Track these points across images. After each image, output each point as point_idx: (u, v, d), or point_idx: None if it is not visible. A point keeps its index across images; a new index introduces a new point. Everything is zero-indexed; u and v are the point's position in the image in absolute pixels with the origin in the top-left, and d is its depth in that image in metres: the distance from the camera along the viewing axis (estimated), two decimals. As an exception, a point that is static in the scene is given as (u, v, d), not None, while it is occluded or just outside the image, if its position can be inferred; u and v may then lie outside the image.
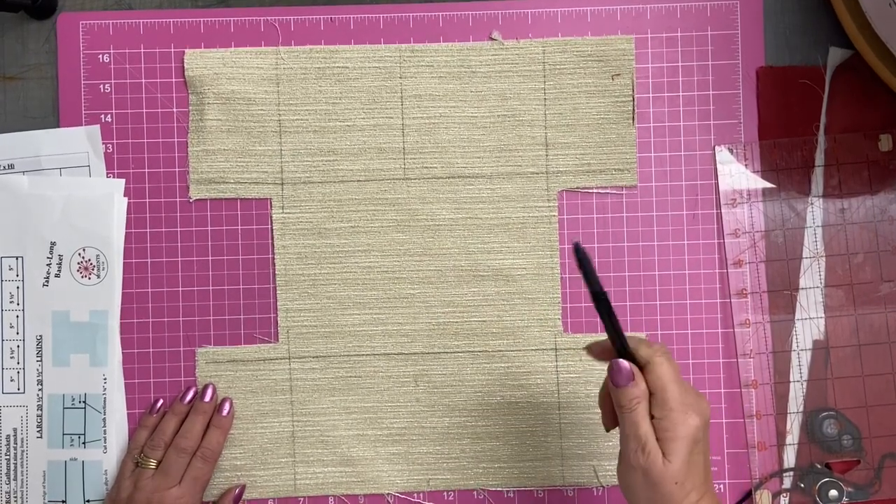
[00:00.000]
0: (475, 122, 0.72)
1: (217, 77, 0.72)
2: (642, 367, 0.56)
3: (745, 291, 0.72)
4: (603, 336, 0.59)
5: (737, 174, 0.72)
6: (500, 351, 0.72)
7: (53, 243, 0.71)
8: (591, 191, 0.73)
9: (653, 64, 0.73)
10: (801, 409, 0.72)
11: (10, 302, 0.71)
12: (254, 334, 0.72)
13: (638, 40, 0.73)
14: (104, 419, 0.71)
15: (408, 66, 0.72)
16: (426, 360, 0.72)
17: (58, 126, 0.72)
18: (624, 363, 0.56)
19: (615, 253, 0.73)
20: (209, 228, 0.72)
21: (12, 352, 0.71)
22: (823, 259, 0.72)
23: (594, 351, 0.60)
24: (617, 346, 0.57)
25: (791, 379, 0.72)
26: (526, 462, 0.72)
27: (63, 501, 0.71)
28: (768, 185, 0.72)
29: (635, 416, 0.55)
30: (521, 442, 0.72)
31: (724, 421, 0.72)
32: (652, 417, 0.55)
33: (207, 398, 0.71)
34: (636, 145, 0.72)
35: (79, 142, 0.72)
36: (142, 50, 0.72)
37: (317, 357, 0.72)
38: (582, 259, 0.55)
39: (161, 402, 0.72)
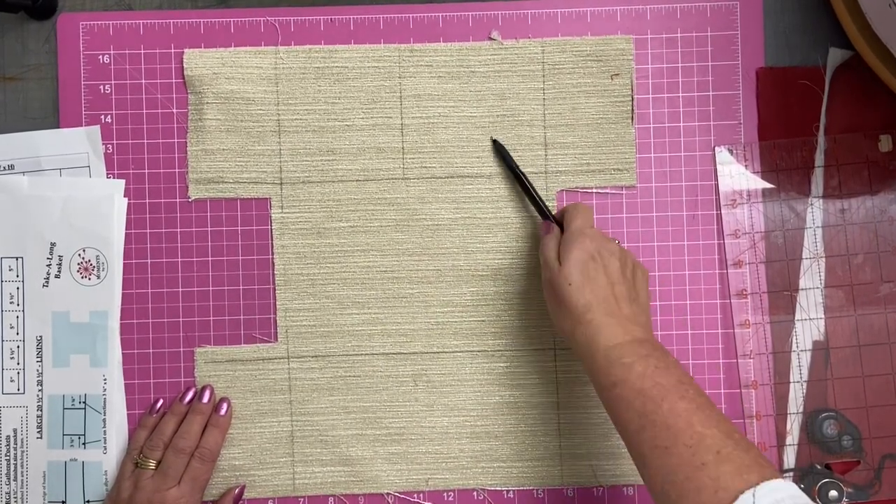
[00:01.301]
0: (474, 121, 0.72)
1: (216, 77, 0.72)
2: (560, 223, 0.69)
3: (744, 292, 0.72)
4: None
5: (737, 175, 0.72)
6: (499, 350, 0.72)
7: (53, 244, 0.71)
8: (590, 191, 0.73)
9: (653, 64, 0.73)
10: (801, 409, 0.72)
11: (10, 302, 0.71)
12: (253, 334, 0.72)
13: (638, 40, 0.73)
14: (104, 420, 0.71)
15: (407, 66, 0.72)
16: (425, 360, 0.72)
17: (58, 126, 0.72)
18: (545, 222, 0.69)
19: (615, 253, 0.72)
20: (209, 228, 0.72)
21: (12, 352, 0.71)
22: (823, 260, 0.72)
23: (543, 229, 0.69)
24: (544, 215, 0.70)
25: (791, 380, 0.72)
26: (525, 462, 0.72)
27: (63, 502, 0.71)
28: (768, 185, 0.72)
29: (544, 245, 0.66)
30: (520, 441, 0.72)
31: (723, 421, 0.72)
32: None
33: (206, 399, 0.71)
34: (636, 145, 0.72)
35: (79, 142, 0.72)
36: (142, 50, 0.72)
37: (316, 357, 0.72)
38: (501, 150, 0.71)
39: (161, 402, 0.72)
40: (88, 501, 0.71)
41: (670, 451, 0.53)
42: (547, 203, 0.71)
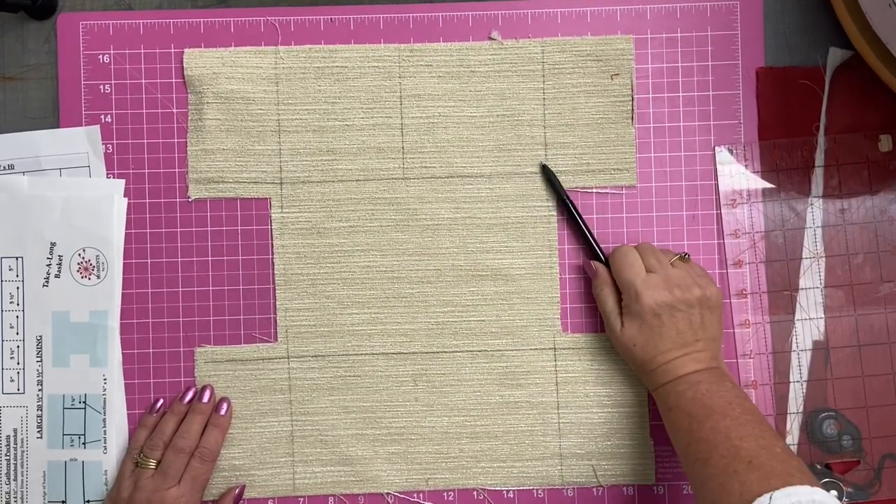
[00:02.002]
0: (474, 121, 0.72)
1: (216, 76, 0.72)
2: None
3: (744, 292, 0.72)
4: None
5: (737, 174, 0.72)
6: (499, 350, 0.72)
7: (53, 244, 0.71)
8: (590, 190, 0.73)
9: (653, 64, 0.73)
10: (800, 409, 0.72)
11: (10, 302, 0.72)
12: (253, 334, 0.72)
13: (638, 40, 0.73)
14: (104, 419, 0.71)
15: (407, 66, 0.72)
16: (425, 360, 0.72)
17: (58, 126, 0.73)
18: (592, 262, 0.71)
19: (615, 253, 0.72)
20: (209, 228, 0.72)
21: (12, 352, 0.71)
22: (823, 259, 0.72)
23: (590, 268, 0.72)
24: (590, 248, 0.72)
25: (791, 379, 0.72)
26: (525, 461, 0.72)
27: (63, 502, 0.71)
28: (768, 185, 0.72)
29: (602, 297, 0.69)
30: (520, 441, 0.72)
31: (723, 421, 0.72)
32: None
33: (206, 399, 0.71)
34: (636, 145, 0.72)
35: (79, 142, 0.72)
36: (142, 50, 0.72)
37: (316, 356, 0.72)
38: (551, 177, 0.72)
39: (161, 402, 0.72)
40: (88, 501, 0.71)
41: (708, 463, 0.59)
42: (548, 203, 0.71)
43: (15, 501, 0.71)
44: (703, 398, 0.62)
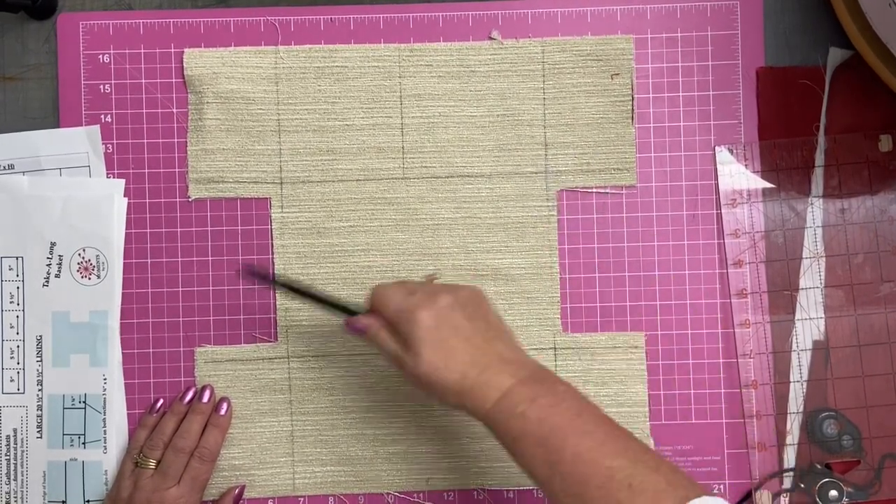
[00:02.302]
0: (474, 121, 0.72)
1: (216, 76, 0.72)
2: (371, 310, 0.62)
3: (745, 292, 0.72)
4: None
5: (737, 174, 0.72)
6: (499, 350, 0.72)
7: (53, 243, 0.71)
8: (590, 190, 0.73)
9: (653, 64, 0.73)
10: (801, 409, 0.72)
11: (10, 302, 0.72)
12: (253, 334, 0.73)
13: (638, 40, 0.73)
14: (104, 419, 0.71)
15: (407, 66, 0.72)
16: (425, 360, 0.72)
17: (58, 126, 0.73)
18: (352, 320, 0.62)
19: (615, 253, 0.73)
20: (209, 228, 0.72)
21: (12, 352, 0.71)
22: (823, 259, 0.72)
23: (352, 328, 0.63)
24: (341, 312, 0.64)
25: (791, 379, 0.72)
26: (525, 462, 0.72)
27: (63, 501, 0.71)
28: (768, 185, 0.72)
29: (382, 342, 0.60)
30: (520, 441, 0.72)
31: (724, 421, 0.72)
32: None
33: (206, 399, 0.71)
34: (636, 145, 0.72)
35: (79, 142, 0.72)
36: (142, 50, 0.72)
37: (316, 356, 0.72)
38: (260, 276, 0.69)
39: (161, 401, 0.72)
40: (88, 501, 0.71)
41: (584, 498, 0.51)
42: (548, 203, 0.71)
43: (15, 501, 0.71)
44: (549, 417, 0.54)
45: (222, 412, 0.71)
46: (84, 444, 0.71)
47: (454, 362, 0.57)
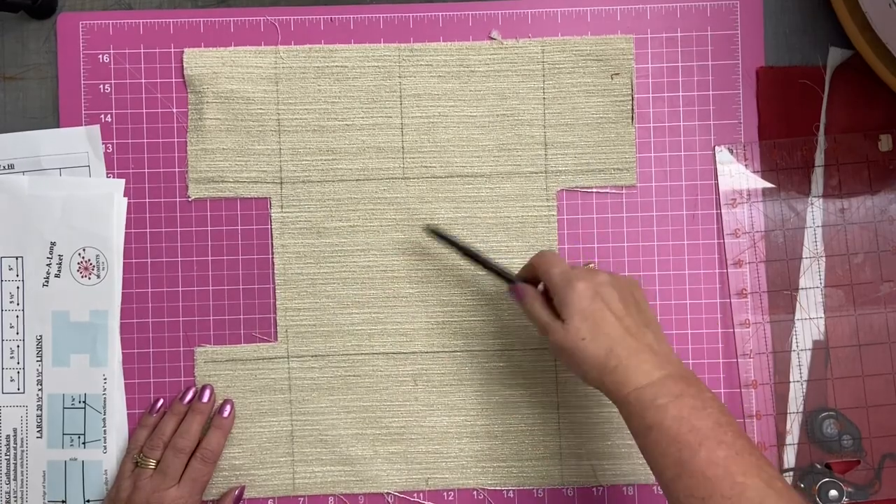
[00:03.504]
0: (474, 121, 0.72)
1: (216, 76, 0.72)
2: (532, 279, 0.66)
3: (745, 291, 0.72)
4: None
5: (737, 174, 0.72)
6: (499, 350, 0.72)
7: (53, 243, 0.71)
8: (590, 190, 0.73)
9: (653, 64, 0.73)
10: (801, 409, 0.72)
11: (10, 302, 0.72)
12: (253, 333, 0.72)
13: (638, 40, 0.73)
14: (104, 419, 0.71)
15: (407, 66, 0.72)
16: (425, 360, 0.72)
17: (58, 126, 0.73)
18: (517, 287, 0.65)
19: (615, 253, 0.73)
20: (209, 228, 0.72)
21: (12, 352, 0.71)
22: (823, 259, 0.72)
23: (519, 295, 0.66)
24: (506, 279, 0.67)
25: (791, 379, 0.72)
26: (525, 461, 0.72)
27: (63, 501, 0.71)
28: (768, 185, 0.72)
29: (536, 312, 0.63)
30: (520, 441, 0.72)
31: (723, 421, 0.72)
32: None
33: (206, 399, 0.71)
34: (636, 145, 0.72)
35: (79, 142, 0.72)
36: (142, 50, 0.72)
37: (316, 356, 0.72)
38: (444, 237, 0.68)
39: (161, 401, 0.72)
40: (88, 501, 0.71)
41: (708, 503, 0.51)
42: (548, 203, 0.71)
43: (15, 501, 0.71)
44: (690, 417, 0.54)
45: (225, 414, 0.71)
46: (84, 443, 0.71)
47: (603, 337, 0.58)
